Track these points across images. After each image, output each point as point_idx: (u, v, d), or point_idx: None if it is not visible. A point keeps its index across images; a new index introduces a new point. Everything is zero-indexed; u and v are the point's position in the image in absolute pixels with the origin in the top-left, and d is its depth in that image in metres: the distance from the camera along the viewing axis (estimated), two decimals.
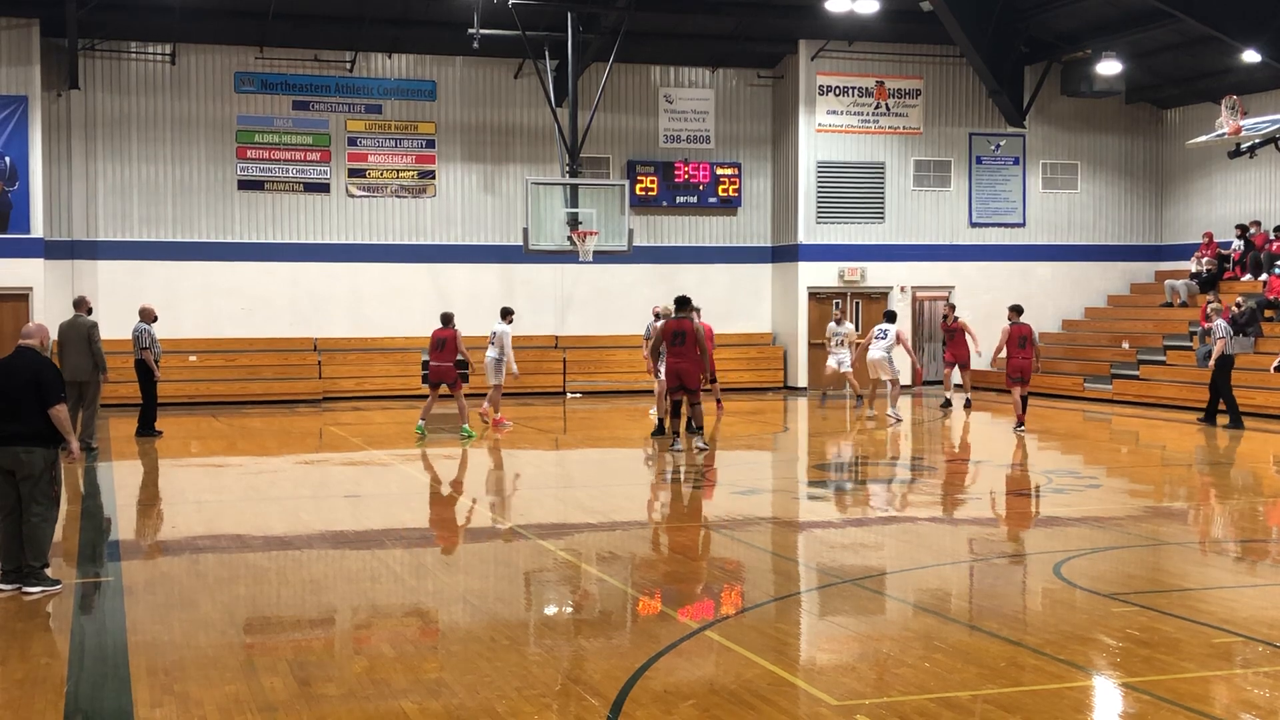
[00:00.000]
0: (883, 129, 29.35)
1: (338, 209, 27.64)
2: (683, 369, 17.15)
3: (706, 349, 17.73)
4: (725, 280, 29.20)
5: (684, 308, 17.62)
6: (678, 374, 17.22)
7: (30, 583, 9.31)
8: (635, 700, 6.82)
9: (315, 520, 12.72)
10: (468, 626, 8.60)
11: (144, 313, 19.85)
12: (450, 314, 19.87)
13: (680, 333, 17.19)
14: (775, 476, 16.86)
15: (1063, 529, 12.14)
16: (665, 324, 17.43)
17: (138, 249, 26.42)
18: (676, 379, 17.28)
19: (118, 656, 7.74)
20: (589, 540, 11.74)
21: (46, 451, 9.36)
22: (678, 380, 17.27)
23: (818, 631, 8.60)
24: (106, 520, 13.11)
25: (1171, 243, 31.03)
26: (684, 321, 17.36)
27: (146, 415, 19.90)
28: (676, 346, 17.19)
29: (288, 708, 6.76)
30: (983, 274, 29.88)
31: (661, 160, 29.16)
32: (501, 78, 28.33)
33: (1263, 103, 26.77)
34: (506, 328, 20.88)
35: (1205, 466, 17.34)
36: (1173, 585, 9.82)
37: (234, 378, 26.39)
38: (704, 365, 17.74)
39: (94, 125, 26.24)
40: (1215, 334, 21.04)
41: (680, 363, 17.16)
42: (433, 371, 19.51)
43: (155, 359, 19.65)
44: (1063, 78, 29.79)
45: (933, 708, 6.66)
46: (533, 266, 27.77)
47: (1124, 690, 7.10)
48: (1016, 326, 20.59)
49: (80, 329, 17.57)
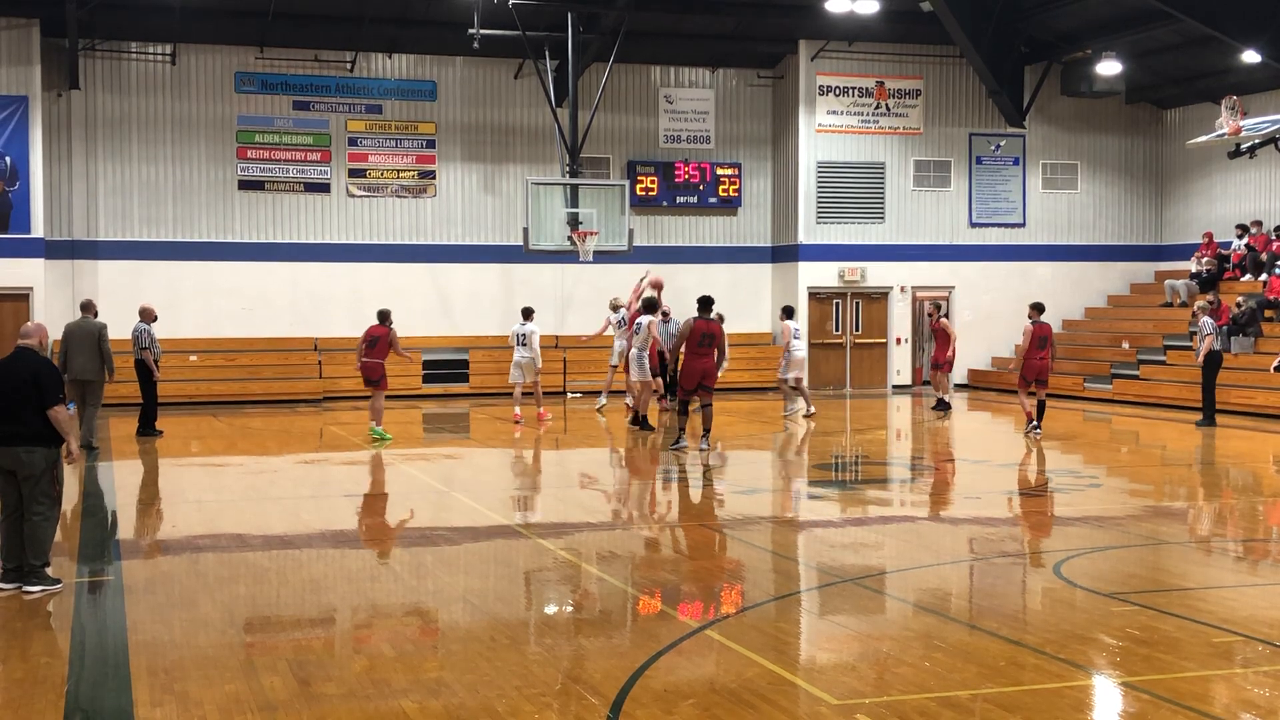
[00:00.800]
0: (883, 129, 29.35)
1: (338, 209, 27.64)
2: (708, 369, 17.29)
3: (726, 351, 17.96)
4: (725, 280, 29.18)
5: (708, 308, 17.70)
6: (702, 374, 17.28)
7: (31, 581, 9.31)
8: (635, 699, 6.82)
9: (315, 520, 12.72)
10: (468, 626, 8.60)
11: (143, 312, 19.90)
12: (387, 311, 19.67)
13: (710, 334, 17.31)
14: (775, 476, 16.86)
15: (1063, 529, 12.14)
16: (695, 324, 17.32)
17: (138, 249, 26.42)
18: (699, 379, 17.32)
19: (118, 656, 7.74)
20: (589, 540, 11.74)
21: (48, 451, 9.35)
22: (698, 381, 17.33)
23: (818, 631, 8.60)
24: (114, 515, 13.12)
25: (1171, 243, 31.03)
26: (713, 324, 17.53)
27: (147, 415, 19.97)
28: (704, 347, 17.27)
29: (288, 707, 6.76)
30: (983, 274, 29.88)
31: (661, 160, 29.17)
32: (501, 78, 28.34)
33: (1263, 103, 26.78)
34: (534, 326, 21.62)
35: (1205, 466, 17.35)
36: (1173, 585, 9.82)
37: (234, 378, 26.39)
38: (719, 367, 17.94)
39: (94, 125, 26.25)
40: (1202, 331, 21.00)
41: (705, 363, 17.27)
42: (365, 368, 19.36)
43: (155, 359, 19.72)
44: (1063, 78, 29.79)
45: (933, 707, 6.66)
46: (533, 266, 27.77)
47: (1124, 689, 7.10)
48: (1038, 326, 19.69)
49: (90, 330, 17.93)
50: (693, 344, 17.29)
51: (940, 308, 25.38)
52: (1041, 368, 19.57)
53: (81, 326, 17.98)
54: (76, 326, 18.03)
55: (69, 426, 9.47)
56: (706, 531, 12.25)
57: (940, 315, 24.49)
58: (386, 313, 19.55)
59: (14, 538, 9.37)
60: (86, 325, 17.99)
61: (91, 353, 17.77)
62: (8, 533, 9.39)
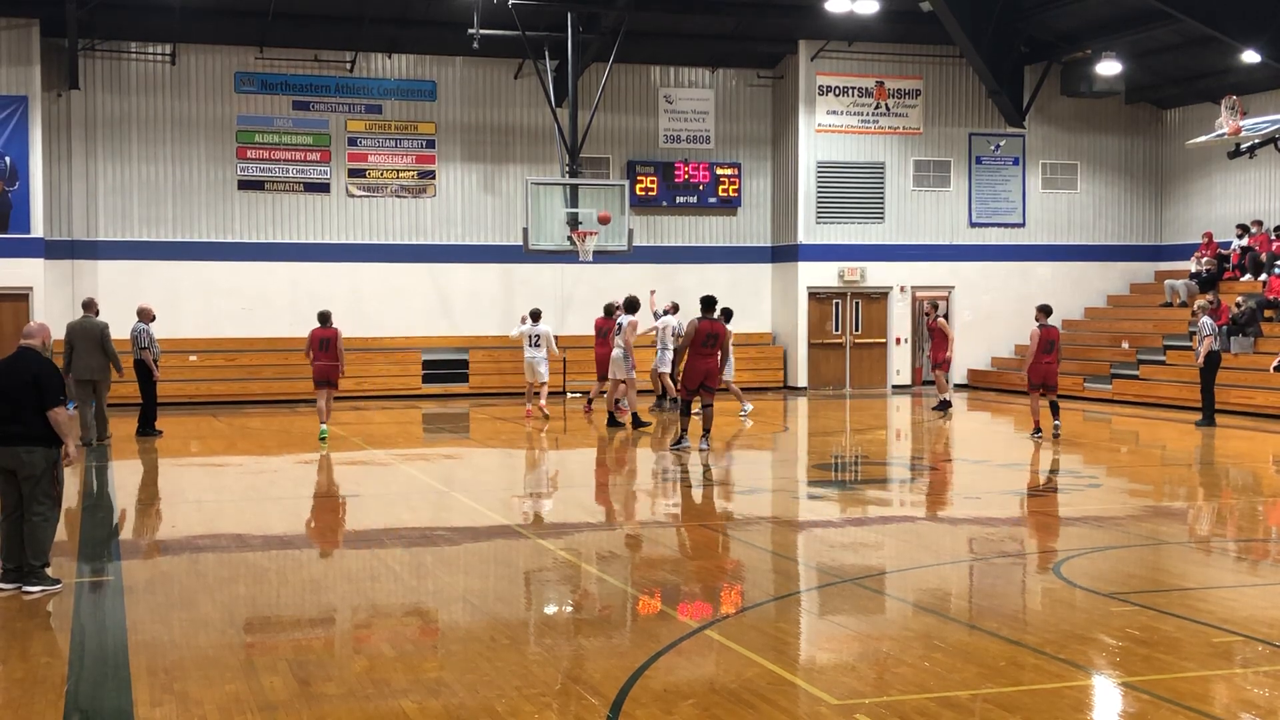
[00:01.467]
0: (883, 129, 29.35)
1: (338, 209, 27.64)
2: (711, 369, 17.45)
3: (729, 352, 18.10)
4: (725, 280, 29.17)
5: (712, 308, 17.82)
6: (705, 374, 17.43)
7: (31, 581, 9.31)
8: (635, 699, 6.82)
9: (315, 520, 12.72)
10: (468, 626, 8.60)
11: (142, 313, 19.94)
12: (328, 312, 19.71)
13: (714, 334, 17.45)
14: (775, 476, 16.86)
15: (1063, 529, 12.14)
16: (701, 324, 17.43)
17: (138, 249, 26.42)
18: (701, 379, 17.45)
19: (118, 656, 7.74)
20: (589, 540, 11.74)
21: (48, 451, 9.34)
22: (701, 380, 17.46)
23: (818, 631, 8.60)
24: (115, 515, 13.12)
25: (1171, 243, 31.02)
26: (717, 324, 17.65)
27: (146, 415, 20.00)
28: (708, 348, 17.40)
29: (288, 707, 6.76)
30: (982, 274, 29.88)
31: (661, 160, 29.17)
32: (501, 78, 28.33)
33: (1263, 103, 26.77)
34: (547, 327, 22.32)
35: (1205, 466, 17.35)
36: (1173, 585, 9.82)
37: (234, 378, 26.39)
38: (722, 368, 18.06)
39: (94, 125, 26.24)
40: (1201, 332, 20.97)
41: (708, 363, 17.42)
42: (319, 371, 19.39)
43: (155, 359, 19.76)
44: (1063, 78, 29.78)
45: (933, 707, 6.66)
46: (533, 266, 27.77)
47: (1124, 690, 7.10)
48: (1045, 330, 19.17)
49: (93, 330, 18.15)
50: (696, 344, 17.36)
51: (938, 307, 25.40)
52: (1048, 372, 19.13)
53: (84, 326, 18.14)
54: (79, 325, 18.18)
55: (68, 428, 9.45)
56: (706, 531, 12.25)
57: (938, 315, 24.47)
58: (328, 314, 19.66)
59: (14, 538, 9.37)
60: (89, 324, 18.16)
61: (95, 352, 18.02)
62: (7, 533, 9.39)
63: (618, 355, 20.73)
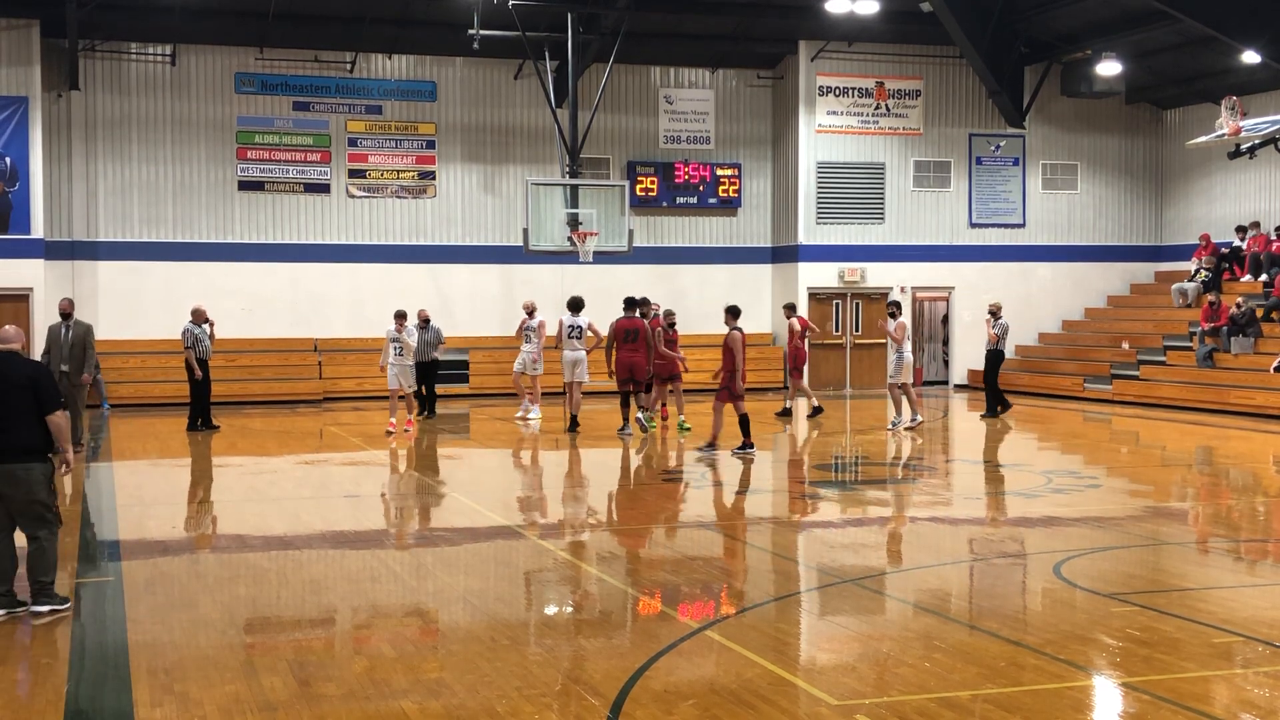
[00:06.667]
0: (883, 129, 29.35)
1: (338, 209, 27.64)
2: (635, 363, 19.27)
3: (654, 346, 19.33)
4: (725, 280, 29.19)
5: (633, 308, 19.65)
6: (630, 367, 19.23)
7: (40, 600, 8.76)
8: (635, 700, 6.82)
9: (315, 520, 12.72)
10: (468, 626, 8.60)
11: (195, 314, 20.66)
12: (632, 299, 20.11)
13: (633, 330, 19.27)
14: (775, 476, 16.85)
15: (1063, 529, 12.13)
16: (619, 322, 19.31)
17: (138, 249, 26.42)
18: (628, 371, 19.25)
19: (118, 656, 7.74)
20: (589, 540, 11.74)
21: (44, 466, 8.69)
22: (629, 373, 19.26)
23: (818, 631, 8.60)
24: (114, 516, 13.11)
25: (1171, 243, 31.03)
26: (636, 320, 19.42)
27: (195, 412, 20.63)
28: (630, 343, 19.18)
29: (288, 708, 6.76)
30: (983, 275, 29.87)
31: (661, 161, 29.17)
32: (501, 78, 28.33)
33: (1263, 103, 26.77)
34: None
35: (1204, 466, 17.35)
36: (1173, 585, 9.82)
37: (234, 378, 26.35)
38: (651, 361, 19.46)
39: (94, 126, 26.24)
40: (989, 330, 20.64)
41: (633, 356, 19.22)
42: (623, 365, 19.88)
43: (200, 359, 20.32)
44: (1063, 78, 29.78)
45: (933, 707, 6.66)
46: (533, 267, 27.76)
47: (1124, 690, 7.10)
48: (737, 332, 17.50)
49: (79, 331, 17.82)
50: (619, 341, 19.27)
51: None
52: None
53: (69, 328, 17.84)
54: (62, 328, 17.89)
55: (68, 434, 8.97)
56: (706, 531, 12.25)
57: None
58: (633, 300, 20.08)
59: (4, 560, 8.74)
60: (76, 326, 17.90)
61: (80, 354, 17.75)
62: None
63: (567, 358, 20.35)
